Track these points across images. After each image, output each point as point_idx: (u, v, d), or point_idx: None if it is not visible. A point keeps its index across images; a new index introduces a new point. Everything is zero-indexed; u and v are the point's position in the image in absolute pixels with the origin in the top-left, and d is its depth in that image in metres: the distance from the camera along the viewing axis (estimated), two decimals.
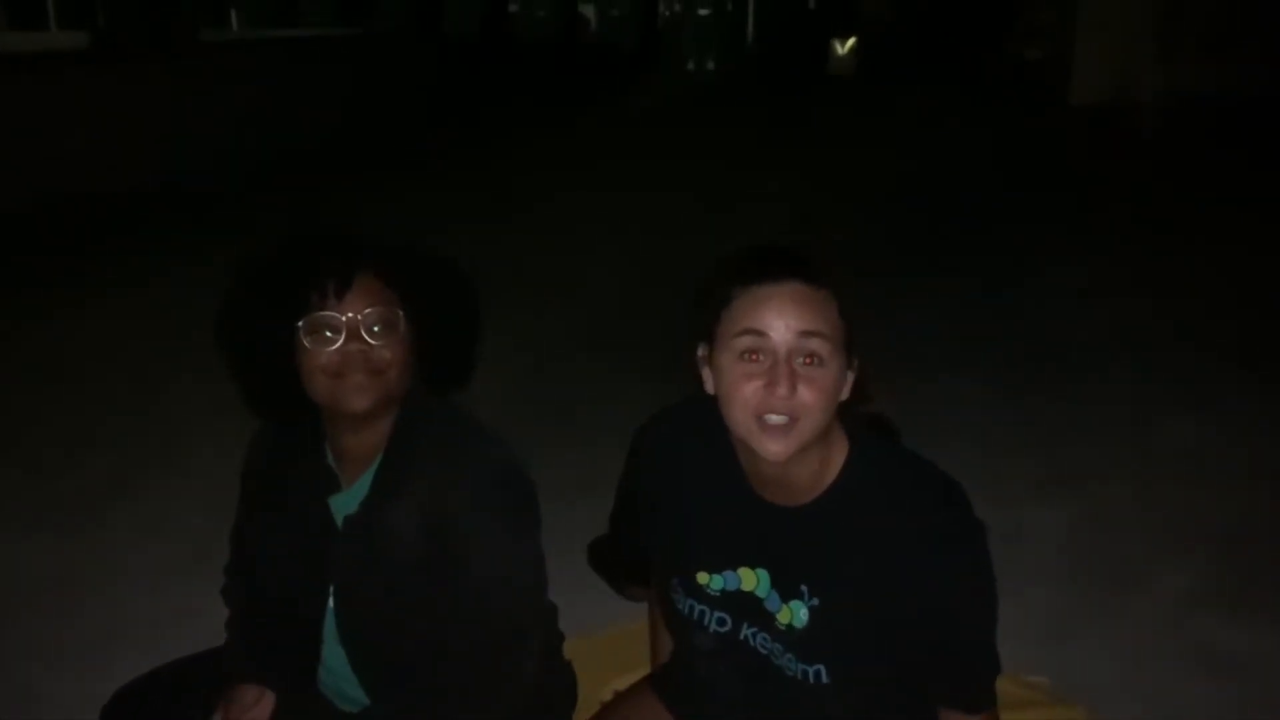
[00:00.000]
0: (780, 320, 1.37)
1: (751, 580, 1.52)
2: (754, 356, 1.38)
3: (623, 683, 2.19)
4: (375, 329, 1.49)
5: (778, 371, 1.36)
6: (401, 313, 1.52)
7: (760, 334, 1.37)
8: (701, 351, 1.47)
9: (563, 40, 19.05)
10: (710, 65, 20.46)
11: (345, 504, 1.60)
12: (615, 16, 21.64)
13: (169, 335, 4.88)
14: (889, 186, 9.05)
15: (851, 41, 19.49)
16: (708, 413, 1.48)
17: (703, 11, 21.09)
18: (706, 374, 1.47)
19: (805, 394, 1.36)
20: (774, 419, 1.36)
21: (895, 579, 1.39)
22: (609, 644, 2.40)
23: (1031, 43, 15.48)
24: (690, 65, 20.43)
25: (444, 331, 1.60)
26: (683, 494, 1.59)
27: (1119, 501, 3.45)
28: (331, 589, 1.62)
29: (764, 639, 1.51)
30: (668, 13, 21.89)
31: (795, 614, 1.47)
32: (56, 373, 4.74)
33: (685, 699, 1.73)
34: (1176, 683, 2.54)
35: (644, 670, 2.03)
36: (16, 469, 3.75)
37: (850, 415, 1.47)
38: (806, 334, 1.37)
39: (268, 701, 1.68)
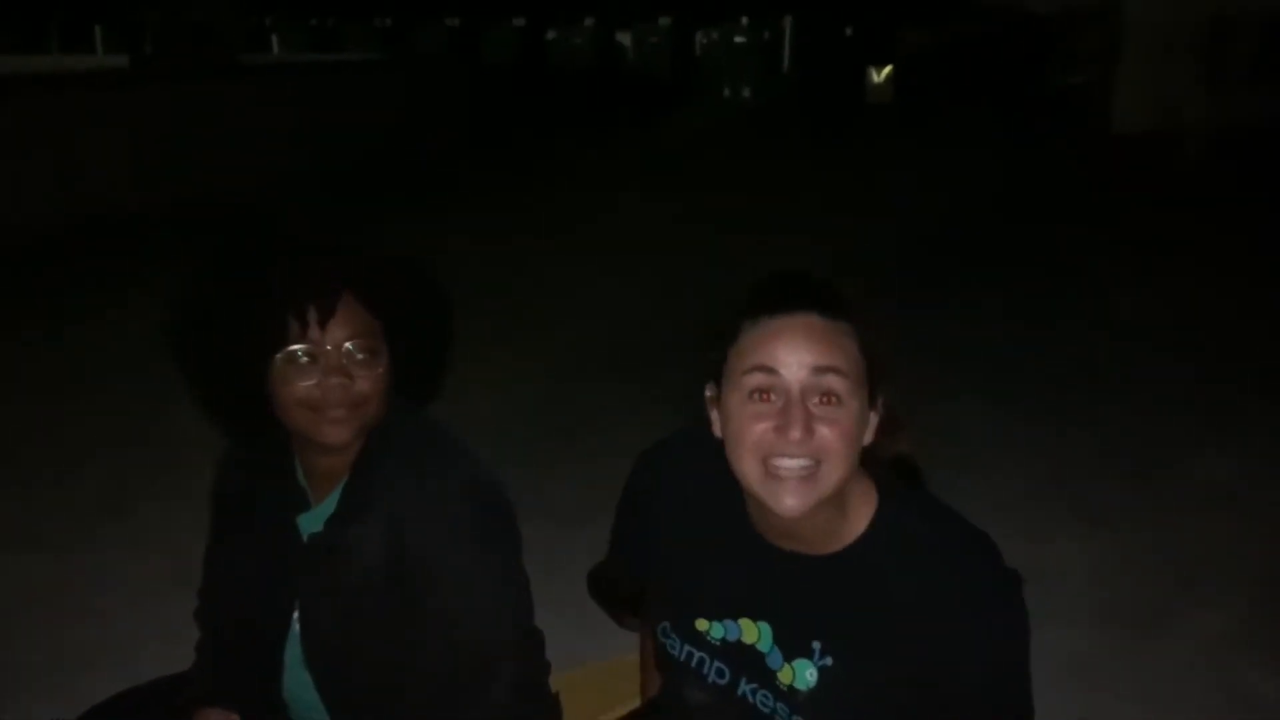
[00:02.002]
0: (792, 356, 1.24)
1: (753, 633, 1.40)
2: (764, 396, 1.25)
3: (610, 718, 2.13)
4: (359, 360, 1.42)
5: (791, 413, 1.23)
6: (384, 339, 1.45)
7: (770, 371, 1.25)
8: (710, 392, 1.35)
9: (599, 68, 19.16)
10: (746, 94, 20.44)
11: (311, 522, 1.54)
12: (652, 44, 21.72)
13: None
14: (923, 215, 8.94)
15: (888, 69, 19.43)
16: (715, 448, 1.36)
17: (739, 40, 21.10)
18: (715, 417, 1.34)
19: (824, 435, 1.23)
20: (787, 465, 1.24)
21: (927, 641, 1.28)
22: (597, 676, 2.32)
23: (1073, 69, 15.36)
24: (727, 93, 20.43)
25: (423, 350, 1.53)
26: (685, 530, 1.48)
27: (1147, 539, 3.33)
28: (296, 610, 1.56)
29: (764, 697, 1.39)
30: (704, 40, 21.94)
31: (799, 674, 1.35)
32: (67, 385, 4.76)
33: None
34: None
35: (633, 705, 1.93)
36: (13, 485, 3.74)
37: (874, 461, 1.34)
38: (821, 370, 1.24)
39: None
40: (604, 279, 6.79)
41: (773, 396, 1.25)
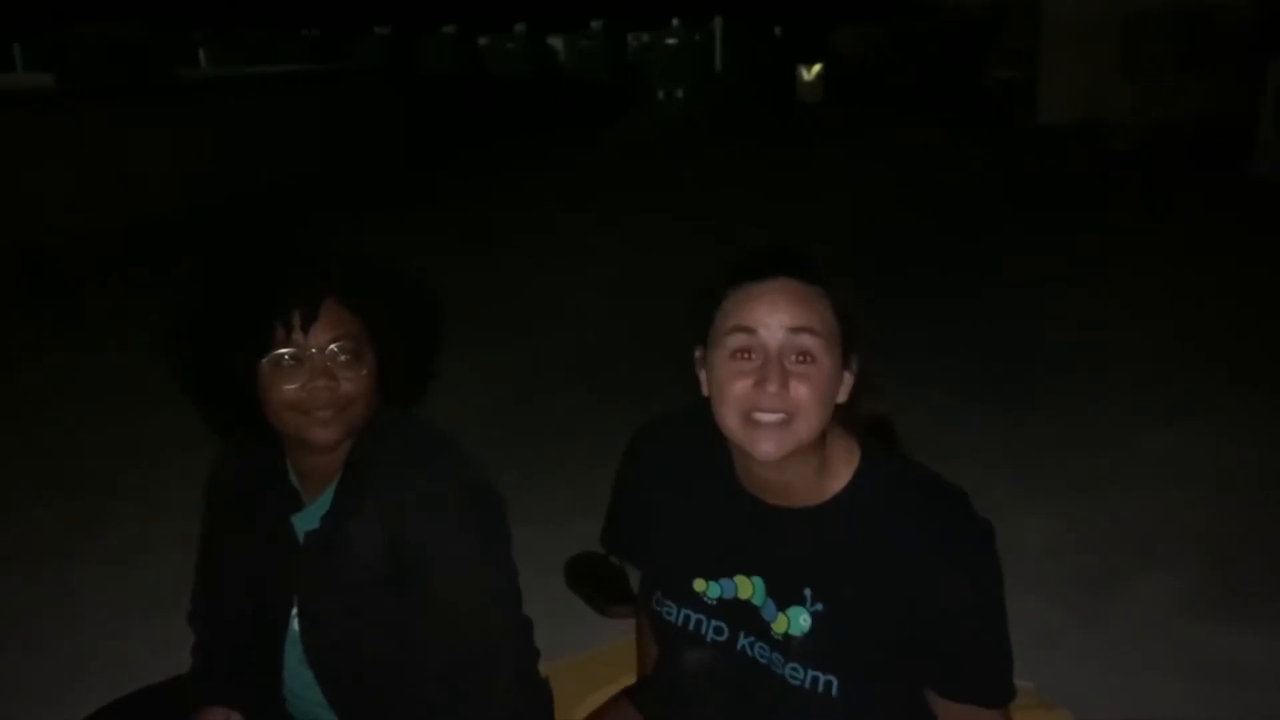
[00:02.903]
0: (771, 317, 1.34)
1: (748, 588, 1.48)
2: (745, 355, 1.35)
3: (596, 703, 2.16)
4: (342, 361, 1.45)
5: (768, 369, 1.33)
6: (369, 341, 1.48)
7: (750, 331, 1.34)
8: (698, 353, 1.44)
9: (533, 73, 19.15)
10: (680, 94, 20.55)
11: (307, 521, 1.56)
12: (585, 48, 21.75)
13: (139, 371, 4.82)
14: (862, 205, 9.09)
15: (818, 67, 19.64)
16: (705, 419, 1.45)
17: (670, 41, 21.20)
18: (702, 376, 1.43)
19: (798, 391, 1.33)
20: (765, 417, 1.33)
21: (911, 582, 1.37)
22: (583, 664, 2.36)
23: (1001, 64, 15.67)
24: (661, 95, 20.53)
25: (409, 351, 1.56)
26: (679, 500, 1.56)
27: (1103, 510, 3.44)
28: (295, 609, 1.58)
29: (762, 649, 1.47)
30: (635, 44, 21.99)
31: (793, 621, 1.44)
32: (29, 411, 4.68)
33: (668, 715, 1.69)
34: (1164, 689, 2.52)
35: (611, 692, 2.01)
36: None
37: (854, 420, 1.44)
38: (797, 330, 1.34)
39: None
40: (560, 285, 6.82)
41: (752, 355, 1.34)
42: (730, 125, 17.28)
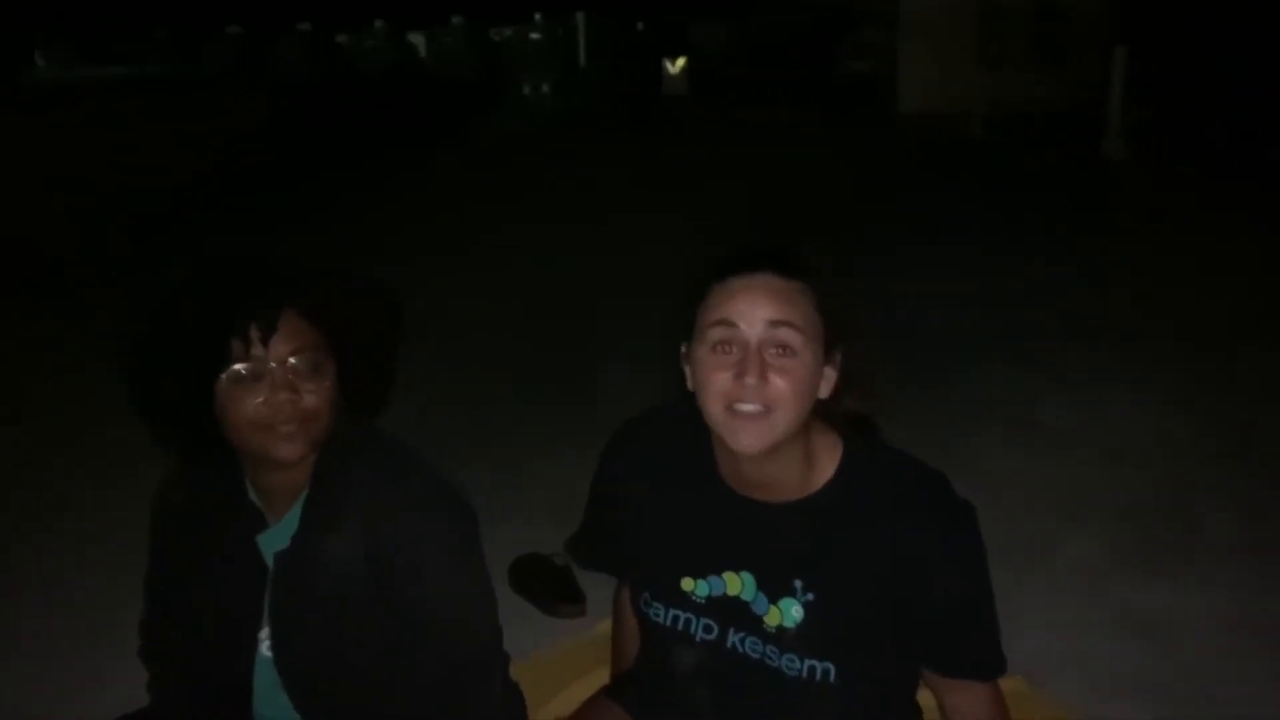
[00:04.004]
0: (751, 310, 1.36)
1: (736, 585, 1.49)
2: (726, 348, 1.36)
3: (559, 706, 2.14)
4: (303, 373, 1.39)
5: (748, 361, 1.34)
6: (329, 352, 1.43)
7: (730, 324, 1.36)
8: (684, 348, 1.44)
9: (395, 71, 18.79)
10: (546, 89, 20.48)
11: (274, 540, 1.50)
12: (447, 44, 21.47)
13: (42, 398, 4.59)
14: (738, 199, 9.20)
15: (682, 61, 19.82)
16: (685, 415, 1.46)
17: (534, 36, 21.11)
18: (687, 371, 1.44)
19: (777, 384, 1.34)
20: (745, 408, 1.34)
21: (900, 566, 1.39)
22: (540, 665, 2.32)
23: (860, 57, 16.08)
24: (527, 90, 20.41)
25: (370, 360, 1.51)
26: (662, 500, 1.55)
27: (1020, 481, 3.57)
28: (266, 632, 1.51)
29: (754, 643, 1.48)
30: (498, 39, 21.83)
31: (786, 613, 1.45)
32: None
33: (655, 713, 1.68)
34: (1104, 646, 2.63)
35: (579, 689, 1.99)
36: None
37: (836, 415, 1.45)
38: (776, 324, 1.35)
39: None
40: (465, 288, 6.71)
41: (733, 348, 1.35)
42: (598, 119, 17.31)
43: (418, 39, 21.47)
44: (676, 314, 1.43)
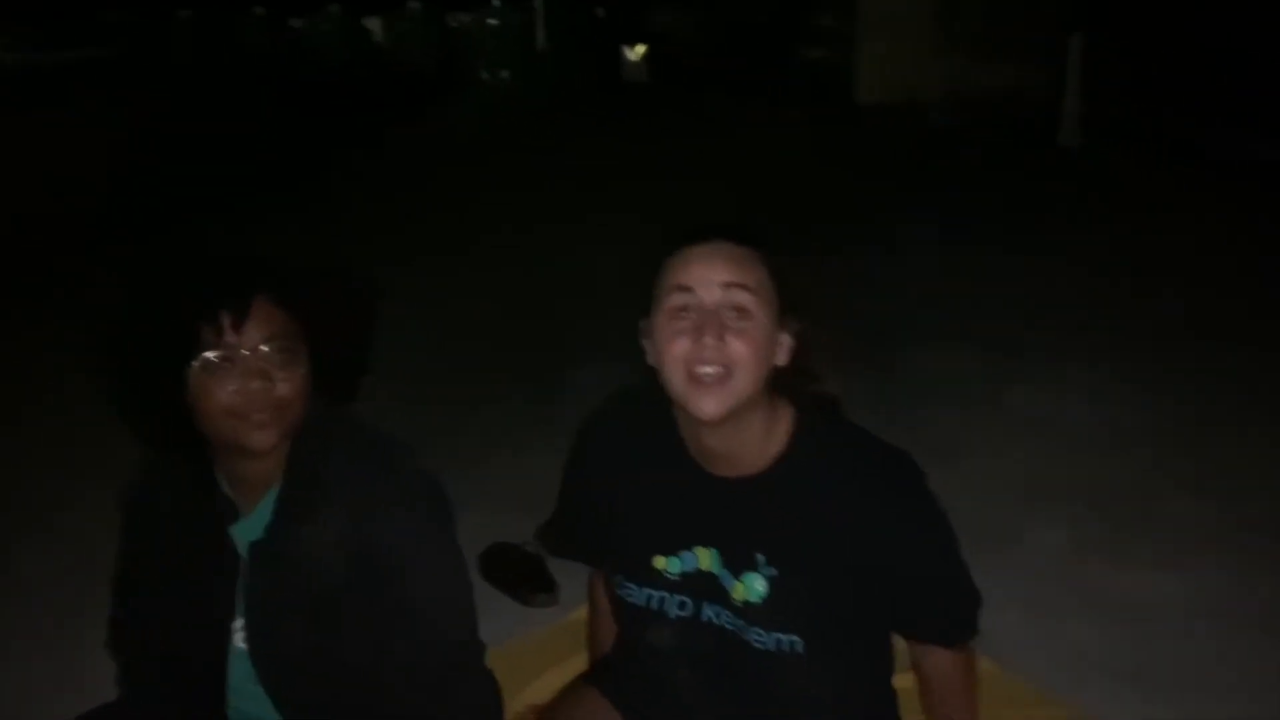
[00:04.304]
0: (708, 274, 1.39)
1: (706, 559, 1.53)
2: (683, 313, 1.39)
3: (534, 694, 2.12)
4: (276, 361, 1.39)
5: (705, 324, 1.37)
6: (301, 339, 1.42)
7: (687, 289, 1.39)
8: (642, 323, 1.47)
9: (350, 55, 18.56)
10: (504, 75, 20.32)
11: (248, 531, 1.49)
12: (404, 29, 21.23)
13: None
14: (701, 196, 9.15)
15: (642, 48, 19.74)
16: (650, 398, 1.48)
17: (492, 22, 20.94)
18: (647, 346, 1.46)
19: (734, 345, 1.37)
20: (705, 370, 1.37)
21: (859, 536, 1.42)
22: (514, 654, 2.32)
23: (816, 45, 16.10)
24: (485, 76, 20.23)
25: (343, 347, 1.51)
26: (630, 482, 1.57)
27: (981, 466, 3.60)
28: (241, 625, 1.50)
29: (728, 617, 1.50)
30: (455, 24, 21.65)
31: (750, 587, 1.47)
32: None
33: (635, 696, 1.68)
34: (1072, 628, 2.69)
35: (554, 678, 2.02)
36: None
37: (792, 387, 1.48)
38: (731, 285, 1.38)
39: None
40: (424, 283, 6.62)
41: (691, 312, 1.40)
42: (559, 108, 17.20)
43: (374, 24, 21.23)
44: (636, 289, 1.46)
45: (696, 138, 12.41)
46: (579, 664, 1.96)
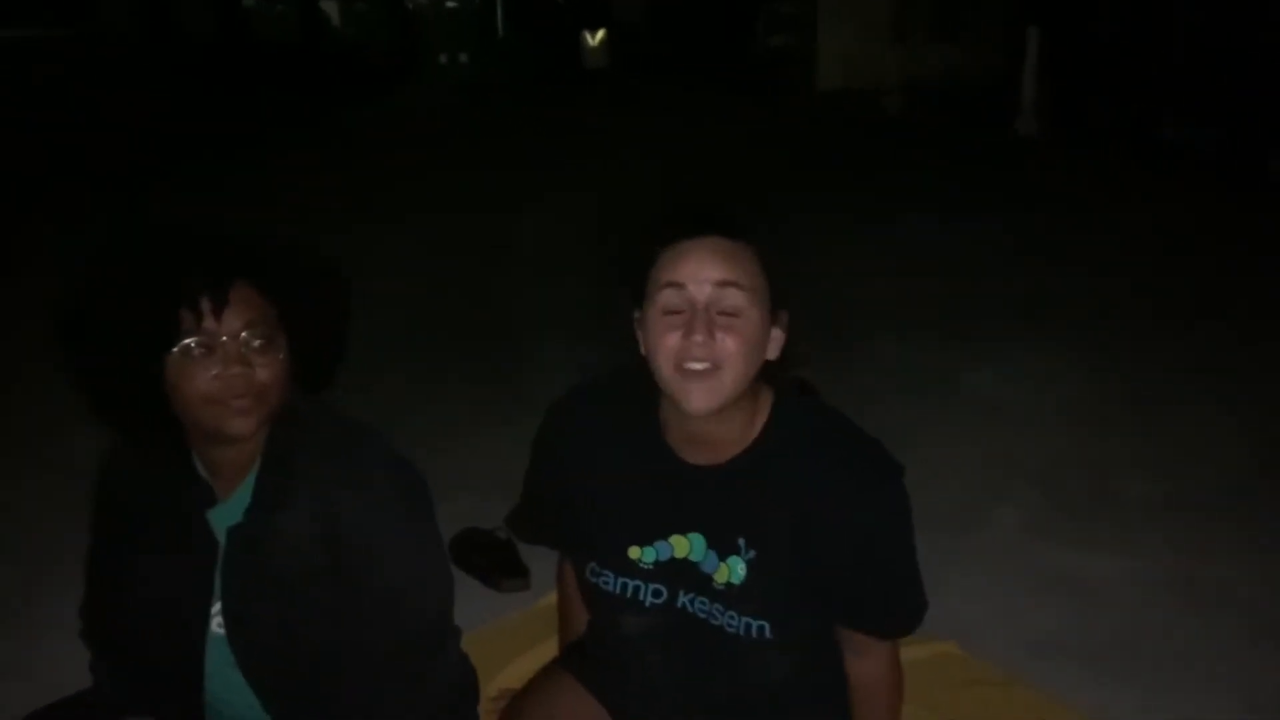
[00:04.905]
0: (700, 272, 1.39)
1: (684, 546, 1.52)
2: (675, 309, 1.39)
3: (507, 679, 2.14)
4: (256, 347, 1.38)
5: (695, 320, 1.37)
6: (281, 325, 1.41)
7: (679, 286, 1.39)
8: (635, 315, 1.47)
9: (305, 38, 18.27)
10: (463, 59, 20.16)
11: (226, 516, 1.48)
12: (360, 11, 20.99)
13: None
14: (656, 174, 9.17)
15: (602, 34, 19.63)
16: (622, 384, 1.49)
17: (450, 4, 20.76)
18: (640, 337, 1.46)
19: (725, 342, 1.37)
20: (694, 365, 1.37)
21: (826, 522, 1.43)
22: (486, 639, 2.33)
23: (777, 32, 16.11)
24: (444, 60, 20.07)
25: (322, 333, 1.50)
26: (604, 470, 1.57)
27: (936, 452, 3.63)
28: (219, 610, 1.49)
29: (702, 603, 1.51)
30: (412, 6, 21.42)
31: (733, 570, 1.48)
32: None
33: (607, 679, 1.70)
34: (1030, 608, 2.71)
35: (526, 662, 2.05)
36: None
37: (778, 377, 1.49)
38: (723, 284, 1.38)
39: None
40: (386, 265, 6.57)
41: (682, 309, 1.39)
42: (518, 91, 17.10)
43: (330, 6, 20.96)
44: (624, 279, 1.46)
45: (651, 120, 12.43)
46: (551, 648, 1.96)
